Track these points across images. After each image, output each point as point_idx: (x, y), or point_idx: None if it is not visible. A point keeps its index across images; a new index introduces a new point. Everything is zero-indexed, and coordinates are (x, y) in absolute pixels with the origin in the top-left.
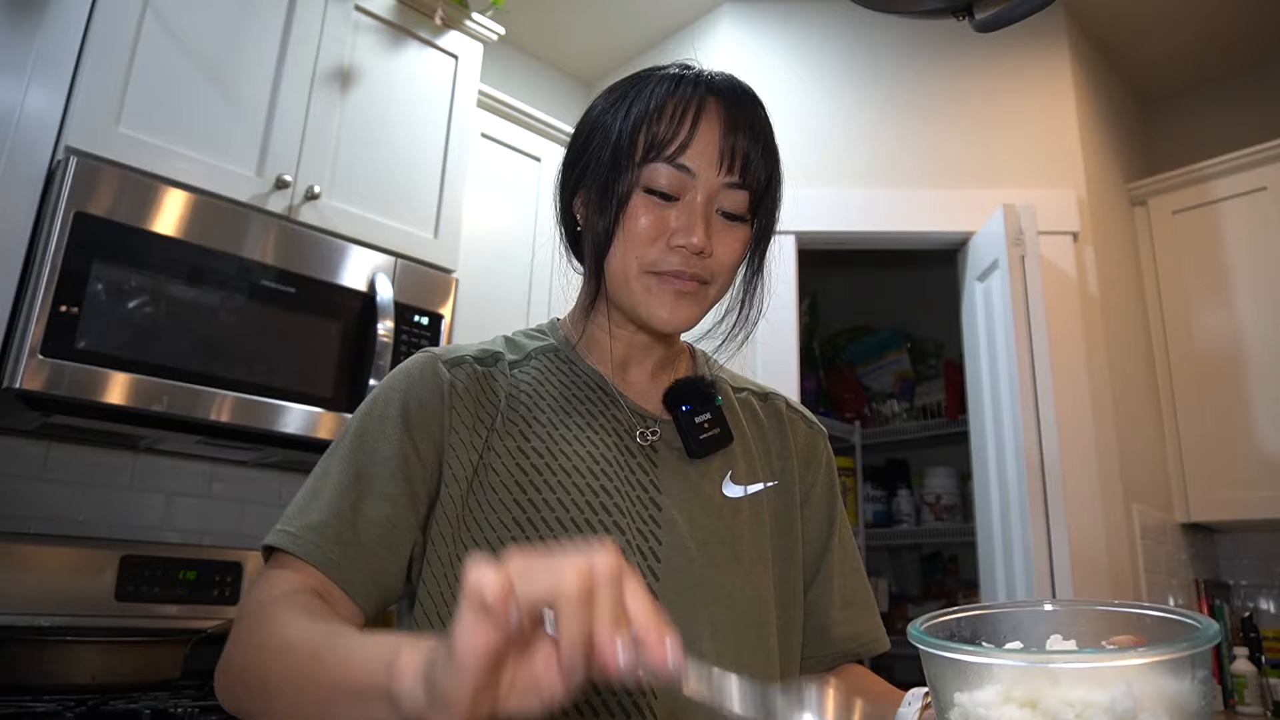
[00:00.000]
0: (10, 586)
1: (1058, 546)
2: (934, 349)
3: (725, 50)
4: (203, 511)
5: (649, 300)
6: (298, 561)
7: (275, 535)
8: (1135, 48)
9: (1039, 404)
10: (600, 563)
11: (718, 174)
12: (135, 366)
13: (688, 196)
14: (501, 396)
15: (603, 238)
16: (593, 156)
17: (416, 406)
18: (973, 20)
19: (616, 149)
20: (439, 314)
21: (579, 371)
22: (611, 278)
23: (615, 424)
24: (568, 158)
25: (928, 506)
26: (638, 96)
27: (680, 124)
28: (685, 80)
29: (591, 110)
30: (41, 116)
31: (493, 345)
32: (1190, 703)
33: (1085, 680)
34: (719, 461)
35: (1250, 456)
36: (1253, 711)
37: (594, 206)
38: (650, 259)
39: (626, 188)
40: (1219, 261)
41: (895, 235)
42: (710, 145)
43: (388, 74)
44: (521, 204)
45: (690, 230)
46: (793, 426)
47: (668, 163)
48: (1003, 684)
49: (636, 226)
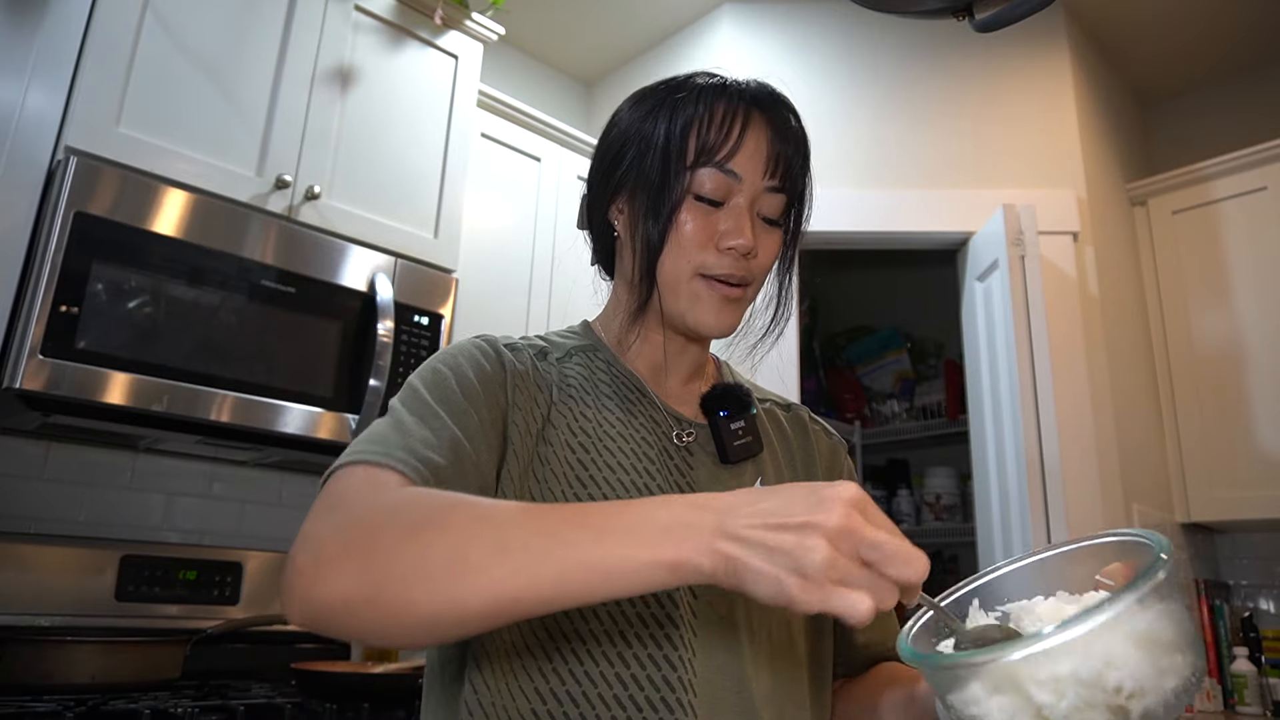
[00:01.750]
0: (10, 586)
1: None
2: (934, 349)
3: (725, 50)
4: (203, 511)
5: (696, 306)
6: (390, 472)
7: (356, 454)
8: (1135, 48)
9: (1039, 404)
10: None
11: (762, 179)
12: (135, 366)
13: (734, 200)
14: (554, 385)
15: (656, 243)
16: (635, 164)
17: (484, 377)
18: (973, 20)
19: (666, 154)
20: (439, 314)
21: (617, 372)
22: (662, 283)
23: (653, 424)
24: (600, 169)
25: (928, 506)
26: (681, 104)
27: (730, 130)
28: (731, 88)
29: (619, 122)
30: (41, 116)
31: (533, 341)
32: (1161, 632)
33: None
34: (750, 468)
35: (1250, 456)
36: (1253, 711)
37: (642, 213)
38: (702, 262)
39: (679, 193)
40: (1219, 261)
41: (895, 235)
42: (758, 151)
43: (388, 74)
44: (521, 204)
45: (739, 232)
46: (815, 437)
47: (717, 168)
48: (979, 680)
49: (686, 231)
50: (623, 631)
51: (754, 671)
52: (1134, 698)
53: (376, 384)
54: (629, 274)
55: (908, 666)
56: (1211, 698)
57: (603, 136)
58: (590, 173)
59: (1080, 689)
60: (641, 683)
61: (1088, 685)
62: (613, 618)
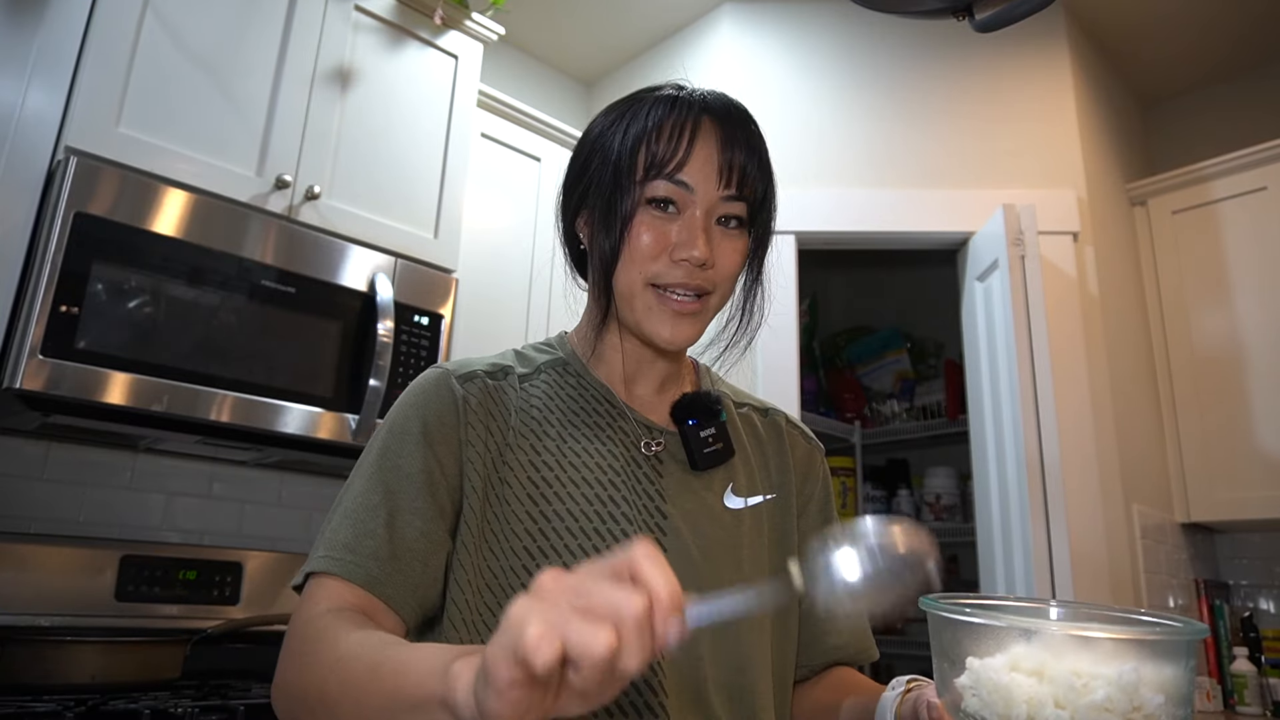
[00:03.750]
0: (10, 586)
1: (1058, 546)
2: (934, 349)
3: (725, 50)
4: (203, 511)
5: (650, 318)
6: (338, 582)
7: (315, 561)
8: (1135, 48)
9: (1039, 404)
10: (639, 602)
11: (716, 188)
12: (135, 366)
13: (687, 212)
14: (512, 410)
15: (609, 255)
16: (594, 177)
17: (435, 422)
18: (973, 20)
19: (617, 169)
20: (439, 314)
21: (587, 385)
22: (618, 295)
23: (622, 435)
24: (568, 179)
25: (928, 506)
26: (634, 117)
27: (678, 142)
28: (680, 100)
29: (590, 132)
30: (41, 116)
31: (502, 359)
32: (1181, 688)
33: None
34: (721, 474)
35: (1250, 456)
36: (1253, 711)
37: (599, 225)
38: (654, 273)
39: (629, 206)
40: (1219, 261)
41: (895, 235)
42: (708, 161)
43: (388, 74)
44: (521, 204)
45: (692, 243)
46: (791, 442)
47: (667, 179)
48: (1011, 654)
49: (640, 242)
50: None
51: (715, 673)
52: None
53: (376, 384)
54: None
55: (856, 676)
56: (1211, 698)
57: (575, 148)
58: (561, 183)
59: (1111, 690)
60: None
61: (1120, 690)
62: None
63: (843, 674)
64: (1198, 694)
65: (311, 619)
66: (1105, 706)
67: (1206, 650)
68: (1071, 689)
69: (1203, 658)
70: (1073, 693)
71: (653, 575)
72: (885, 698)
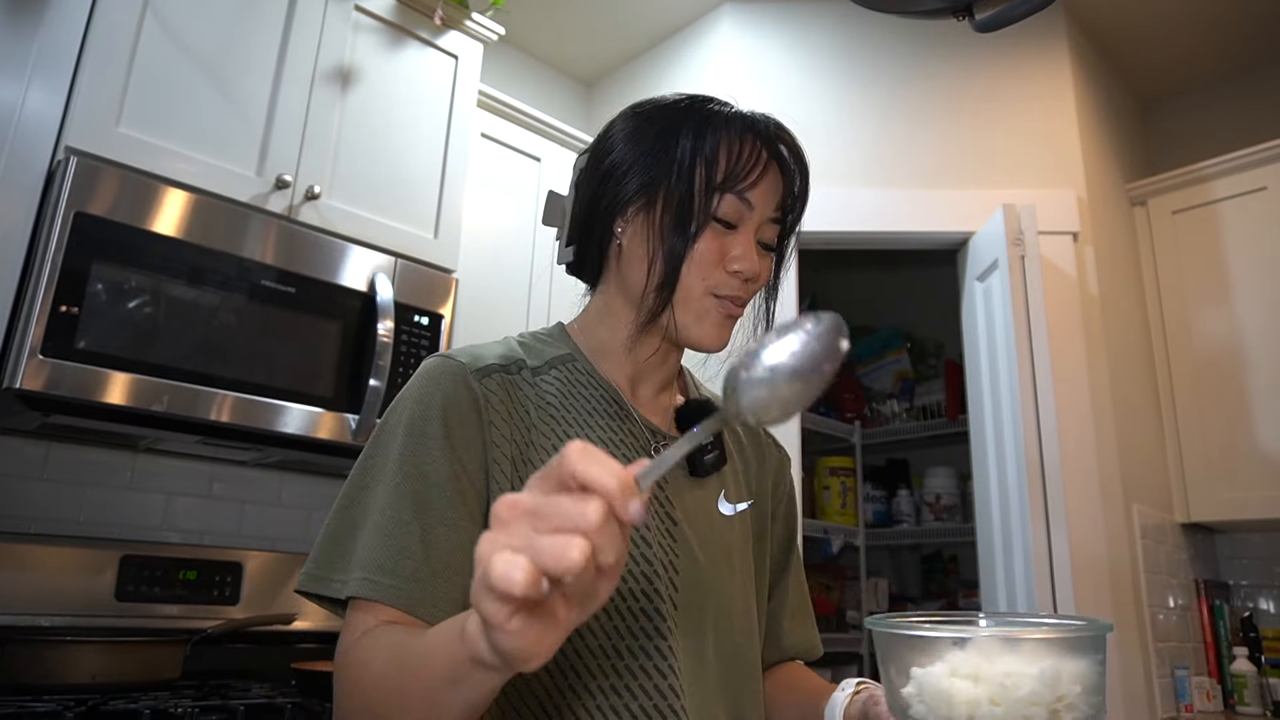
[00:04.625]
0: (10, 586)
1: (1058, 546)
2: (934, 349)
3: (725, 50)
4: (203, 511)
5: (703, 321)
6: (379, 607)
7: (355, 585)
8: (1135, 48)
9: (1039, 404)
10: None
11: (770, 211)
12: (135, 366)
13: (745, 227)
14: (531, 406)
15: (679, 257)
16: (660, 180)
17: (458, 424)
18: (973, 20)
19: (693, 176)
20: (439, 314)
21: (597, 384)
22: (677, 296)
23: (631, 438)
24: (612, 176)
25: (928, 506)
26: (710, 128)
27: (756, 162)
28: (758, 121)
29: (615, 134)
30: (41, 116)
31: (510, 350)
32: (1095, 679)
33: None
34: (715, 481)
35: (1250, 456)
36: (1252, 711)
37: (667, 227)
38: (714, 282)
39: (706, 214)
40: (1219, 261)
41: (895, 235)
42: (773, 187)
43: (388, 74)
44: (521, 204)
45: (749, 258)
46: (767, 450)
47: (737, 196)
48: (949, 662)
49: (707, 249)
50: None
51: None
52: (1069, 710)
53: (376, 384)
54: (632, 285)
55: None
56: (1211, 698)
57: (603, 145)
58: (591, 179)
59: (1036, 685)
60: (635, 692)
61: (1044, 684)
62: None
63: (793, 669)
64: (1198, 694)
65: (348, 648)
66: (1032, 701)
67: (1206, 650)
68: (1003, 687)
69: (1203, 658)
70: (1004, 690)
71: (597, 475)
72: (835, 698)
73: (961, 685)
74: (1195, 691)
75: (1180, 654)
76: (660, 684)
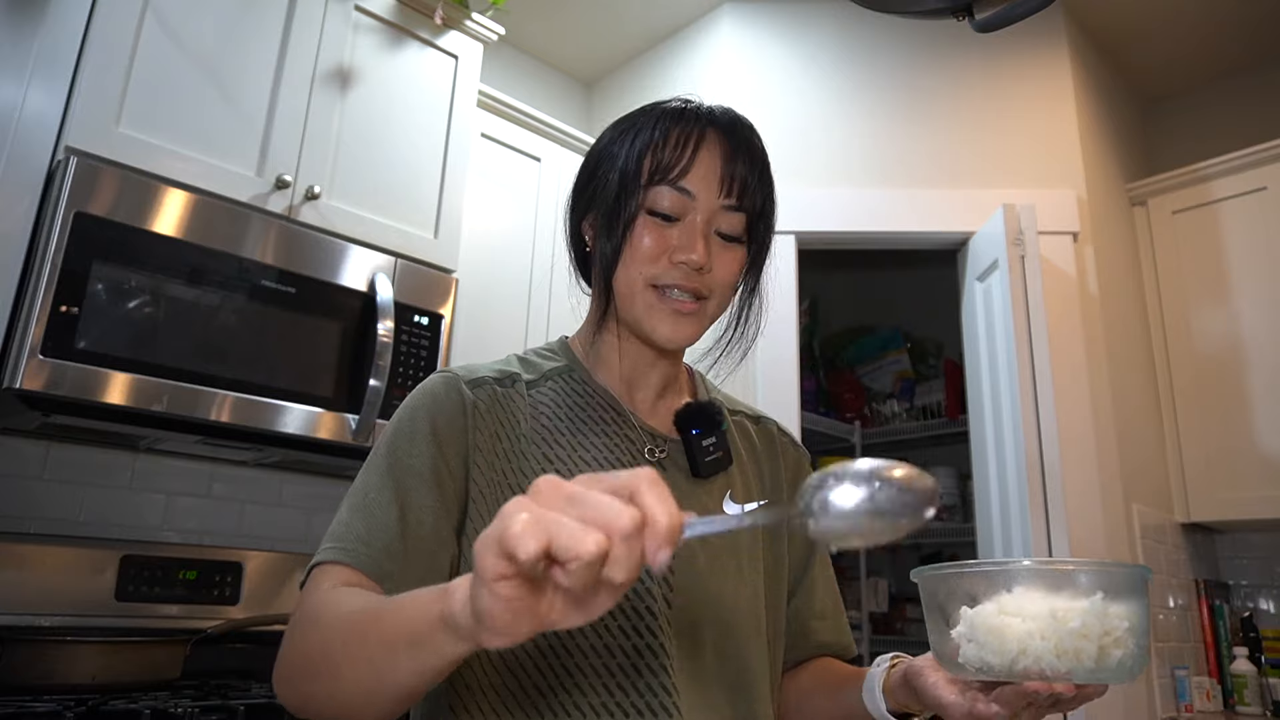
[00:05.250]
0: (10, 586)
1: (1058, 546)
2: (934, 349)
3: (725, 50)
4: (203, 511)
5: (651, 316)
6: (349, 570)
7: (325, 551)
8: (1135, 48)
9: (1039, 404)
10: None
11: (717, 197)
12: (135, 366)
13: (688, 217)
14: (522, 417)
15: (610, 256)
16: (600, 182)
17: (444, 423)
18: (973, 20)
19: (623, 174)
20: (439, 314)
21: (592, 391)
22: (619, 294)
23: (627, 442)
24: (577, 184)
25: None
26: (643, 127)
27: (683, 150)
28: (687, 111)
29: (600, 141)
30: (41, 116)
31: (508, 366)
32: (1141, 619)
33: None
34: (720, 482)
35: (1250, 456)
36: (1253, 711)
37: (602, 228)
38: (653, 274)
39: (633, 209)
40: (1219, 261)
41: (895, 235)
42: (710, 170)
43: (388, 74)
44: (521, 204)
45: (691, 247)
46: (782, 449)
47: (670, 185)
48: (998, 601)
49: (641, 244)
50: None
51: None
52: (1117, 645)
53: (376, 384)
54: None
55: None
56: (1211, 698)
57: (585, 156)
58: (571, 188)
59: (1086, 618)
60: (627, 689)
61: (1094, 616)
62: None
63: (824, 662)
64: (1198, 694)
65: (312, 594)
66: (1082, 633)
67: (1206, 650)
68: (1054, 621)
69: (1203, 658)
70: (1055, 624)
71: (653, 502)
72: (872, 673)
73: (1012, 621)
74: (1195, 691)
75: (1180, 654)
76: (652, 682)
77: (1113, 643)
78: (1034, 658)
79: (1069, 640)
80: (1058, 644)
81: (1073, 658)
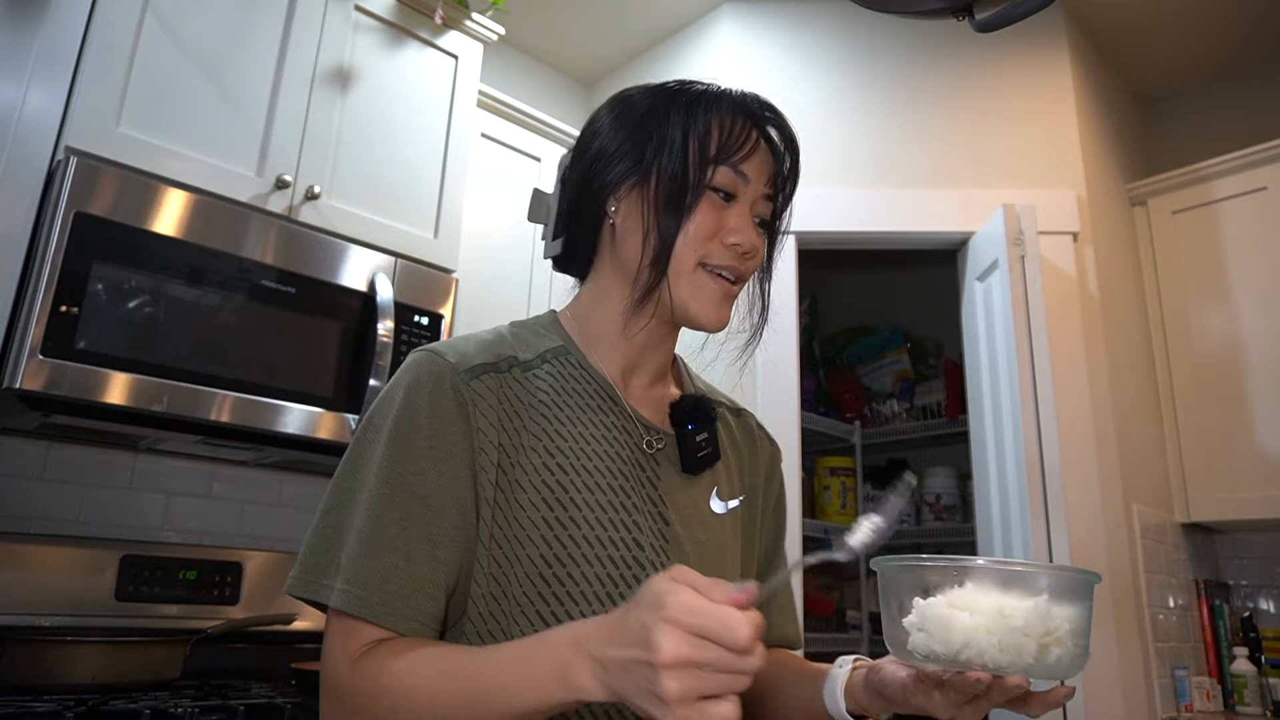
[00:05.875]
0: (10, 586)
1: (1058, 546)
2: (934, 349)
3: (725, 50)
4: (203, 511)
5: (700, 296)
6: (363, 624)
7: (340, 596)
8: (1135, 48)
9: (1039, 404)
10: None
11: (763, 186)
12: (135, 366)
13: (741, 199)
14: (523, 406)
15: (673, 230)
16: (651, 154)
17: (444, 432)
18: (973, 20)
19: (686, 148)
20: (439, 314)
21: (589, 376)
22: (671, 272)
23: (625, 434)
24: (600, 160)
25: (928, 506)
26: (703, 105)
27: (748, 134)
28: (748, 98)
29: (631, 108)
30: (41, 116)
31: (500, 344)
32: (1083, 622)
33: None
34: (708, 477)
35: (1250, 456)
36: (1253, 711)
37: (660, 203)
38: (705, 253)
39: (698, 187)
40: (1219, 261)
41: (895, 235)
42: (765, 160)
43: (388, 74)
44: (522, 204)
45: (746, 230)
46: (760, 443)
47: (732, 168)
48: (949, 595)
49: (701, 224)
50: None
51: None
52: (1056, 644)
53: (376, 384)
54: (628, 262)
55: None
56: (1211, 698)
57: (590, 130)
58: (579, 165)
59: (1029, 618)
60: None
61: (1038, 617)
62: None
63: (781, 654)
64: (1198, 694)
65: (347, 667)
66: (1025, 631)
67: (1206, 650)
68: (1000, 617)
69: (1203, 658)
70: (1000, 620)
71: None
72: (834, 674)
73: (961, 615)
74: (1195, 691)
75: (1180, 654)
76: None
77: (1053, 641)
78: (977, 650)
79: (1011, 636)
80: (1001, 639)
81: (1014, 653)
